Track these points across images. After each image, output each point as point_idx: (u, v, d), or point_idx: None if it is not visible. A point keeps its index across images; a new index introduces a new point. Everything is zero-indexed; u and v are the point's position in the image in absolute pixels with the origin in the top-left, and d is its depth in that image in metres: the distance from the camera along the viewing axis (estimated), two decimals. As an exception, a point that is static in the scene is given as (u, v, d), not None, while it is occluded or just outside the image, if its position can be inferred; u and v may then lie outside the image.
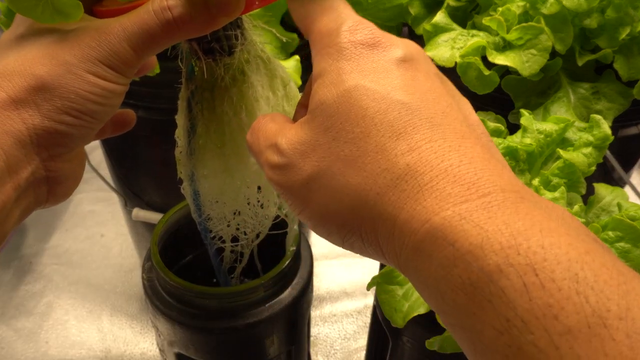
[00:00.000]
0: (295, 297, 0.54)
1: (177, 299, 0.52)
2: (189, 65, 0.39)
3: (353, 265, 1.01)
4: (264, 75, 0.40)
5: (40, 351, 0.85)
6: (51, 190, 0.35)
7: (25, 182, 0.32)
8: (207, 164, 0.42)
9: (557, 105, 0.59)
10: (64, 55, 0.32)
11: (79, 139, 0.34)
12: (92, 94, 0.32)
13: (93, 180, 1.15)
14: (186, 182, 0.45)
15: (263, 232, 0.49)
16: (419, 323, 0.52)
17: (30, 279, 0.97)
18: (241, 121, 0.40)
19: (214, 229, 0.48)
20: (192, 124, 0.41)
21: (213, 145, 0.41)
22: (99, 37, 0.32)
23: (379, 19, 0.70)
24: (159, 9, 0.32)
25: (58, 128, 0.32)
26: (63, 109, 0.32)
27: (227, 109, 0.39)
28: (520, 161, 0.53)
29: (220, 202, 0.45)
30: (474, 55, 0.57)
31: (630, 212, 0.50)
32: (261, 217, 0.47)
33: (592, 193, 0.55)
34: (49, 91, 0.31)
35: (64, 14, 0.32)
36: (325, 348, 0.87)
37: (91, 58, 0.32)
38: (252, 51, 0.39)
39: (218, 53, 0.38)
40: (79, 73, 0.31)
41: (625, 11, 0.56)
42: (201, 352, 0.54)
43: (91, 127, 0.34)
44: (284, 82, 0.42)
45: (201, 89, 0.39)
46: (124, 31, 0.32)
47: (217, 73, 0.38)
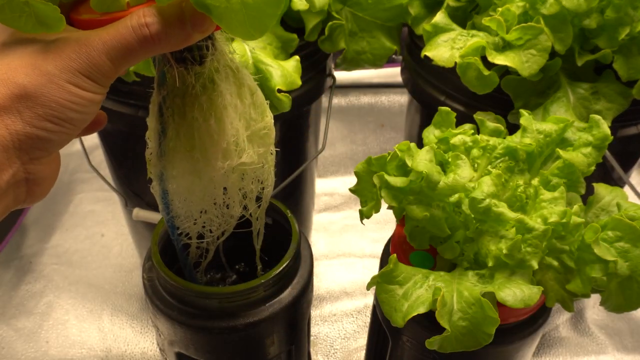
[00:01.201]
0: (295, 296, 0.54)
1: (177, 298, 0.52)
2: (161, 71, 0.41)
3: (353, 265, 1.01)
4: (233, 84, 0.42)
5: (40, 351, 0.85)
6: (29, 190, 0.37)
7: (6, 184, 0.34)
8: (177, 165, 0.45)
9: (556, 105, 0.59)
10: (46, 66, 0.34)
11: (57, 143, 0.36)
12: (71, 103, 0.34)
13: (93, 180, 1.16)
14: (155, 181, 0.47)
15: (228, 230, 0.52)
16: (419, 322, 0.52)
17: (30, 279, 0.97)
18: (210, 127, 0.42)
19: (181, 226, 0.50)
20: (163, 127, 0.43)
21: (183, 148, 0.43)
22: (80, 50, 0.34)
23: (379, 19, 0.70)
24: (137, 25, 0.34)
25: (39, 134, 0.34)
26: (44, 116, 0.34)
27: (197, 115, 0.42)
28: (519, 161, 0.53)
29: (188, 200, 0.48)
30: (473, 55, 0.57)
31: (630, 212, 0.50)
32: (227, 216, 0.50)
33: (591, 193, 0.55)
34: (31, 99, 0.33)
35: (46, 25, 0.34)
36: (325, 347, 0.87)
37: (72, 69, 0.34)
38: (222, 61, 0.41)
39: (190, 62, 0.40)
40: (60, 83, 0.34)
41: (624, 11, 0.57)
42: (201, 351, 0.54)
43: (70, 132, 0.36)
44: (251, 91, 0.44)
45: (172, 94, 0.41)
46: (104, 45, 0.34)
47: (189, 81, 0.40)
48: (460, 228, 0.51)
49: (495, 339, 0.45)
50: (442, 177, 0.49)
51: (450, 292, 0.46)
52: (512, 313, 0.50)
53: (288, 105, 0.60)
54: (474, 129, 0.56)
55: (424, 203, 0.50)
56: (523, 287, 0.45)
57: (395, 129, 1.33)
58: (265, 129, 0.46)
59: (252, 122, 0.45)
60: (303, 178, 0.85)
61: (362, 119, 1.36)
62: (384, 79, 1.40)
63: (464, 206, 0.49)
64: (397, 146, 0.52)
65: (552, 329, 0.90)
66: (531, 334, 0.53)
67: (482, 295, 0.44)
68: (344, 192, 1.17)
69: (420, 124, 0.79)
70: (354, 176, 0.56)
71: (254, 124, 0.45)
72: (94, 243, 1.05)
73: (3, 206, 0.35)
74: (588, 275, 0.47)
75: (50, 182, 0.38)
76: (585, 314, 0.92)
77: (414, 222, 0.52)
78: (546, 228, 0.45)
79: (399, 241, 0.56)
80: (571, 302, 0.49)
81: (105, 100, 0.66)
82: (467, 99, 0.66)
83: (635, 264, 0.47)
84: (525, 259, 0.46)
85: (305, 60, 0.64)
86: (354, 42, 0.70)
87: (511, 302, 0.44)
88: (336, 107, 1.37)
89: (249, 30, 0.33)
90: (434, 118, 0.58)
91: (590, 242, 0.46)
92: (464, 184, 0.49)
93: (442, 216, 0.50)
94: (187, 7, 0.34)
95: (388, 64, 1.38)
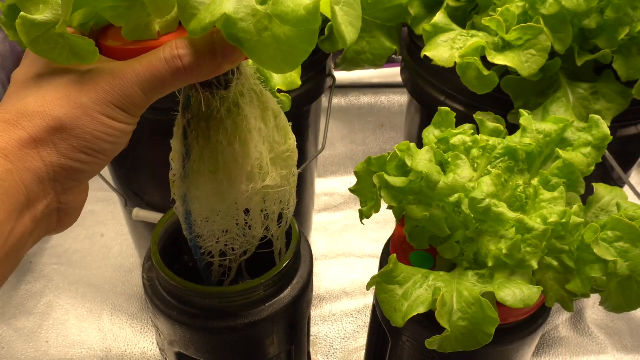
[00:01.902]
0: (295, 296, 0.54)
1: (177, 298, 0.52)
2: (186, 95, 0.41)
3: (353, 265, 1.01)
4: (257, 107, 0.43)
5: (40, 351, 0.85)
6: (60, 220, 0.38)
7: (41, 214, 0.35)
8: (200, 187, 0.45)
9: (556, 105, 0.59)
10: (81, 98, 0.34)
11: (90, 174, 0.37)
12: (105, 135, 0.35)
13: (93, 180, 1.15)
14: (179, 202, 0.47)
15: (250, 251, 0.52)
16: (419, 322, 0.52)
17: (30, 279, 0.97)
18: (235, 151, 0.42)
19: (204, 245, 0.50)
20: (187, 150, 0.43)
21: (207, 170, 0.44)
22: (114, 82, 0.34)
23: (379, 19, 0.70)
24: (170, 57, 0.34)
25: (73, 165, 0.35)
26: (79, 148, 0.34)
27: (221, 139, 0.42)
28: (519, 161, 0.53)
29: (211, 221, 0.48)
30: (473, 55, 0.58)
31: (629, 212, 0.50)
32: (249, 237, 0.50)
33: (591, 193, 0.55)
34: (67, 132, 0.34)
35: (80, 57, 0.35)
36: (325, 347, 0.87)
37: (106, 101, 0.34)
38: (247, 85, 0.41)
39: (215, 87, 0.40)
40: (94, 115, 0.34)
41: (624, 11, 0.57)
42: (201, 351, 0.54)
43: (102, 163, 0.37)
44: (275, 114, 0.44)
45: (197, 118, 0.42)
46: (137, 77, 0.34)
47: (214, 105, 0.40)
48: (460, 228, 0.51)
49: (495, 339, 0.45)
50: (442, 177, 0.49)
51: (450, 292, 0.46)
52: (511, 313, 0.51)
53: (288, 105, 0.60)
54: (473, 129, 0.56)
55: (423, 203, 0.50)
56: (523, 287, 0.45)
57: (395, 129, 1.33)
58: (289, 151, 0.46)
59: (276, 145, 0.45)
60: (303, 178, 0.85)
61: (362, 119, 1.36)
62: (384, 79, 1.40)
63: (463, 206, 0.49)
64: (397, 146, 0.52)
65: (551, 329, 0.90)
66: (531, 334, 0.53)
67: (482, 295, 0.44)
68: (344, 192, 1.17)
69: (420, 124, 0.79)
70: (354, 176, 0.56)
71: (277, 147, 0.45)
72: (94, 243, 1.05)
73: (36, 236, 0.36)
74: (588, 275, 0.47)
75: (79, 211, 0.39)
76: (585, 313, 0.92)
77: (414, 222, 0.52)
78: (546, 228, 0.45)
79: (399, 241, 0.56)
80: (571, 302, 0.49)
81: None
82: (467, 99, 0.66)
83: (635, 264, 0.47)
84: (525, 259, 0.46)
85: (305, 61, 0.64)
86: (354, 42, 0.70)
87: (511, 302, 0.44)
88: (336, 107, 1.37)
89: (279, 65, 0.33)
90: (433, 118, 0.58)
91: (590, 242, 0.46)
92: (463, 184, 0.49)
93: (442, 216, 0.50)
94: (218, 39, 0.34)
95: (388, 64, 1.38)
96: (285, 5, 0.31)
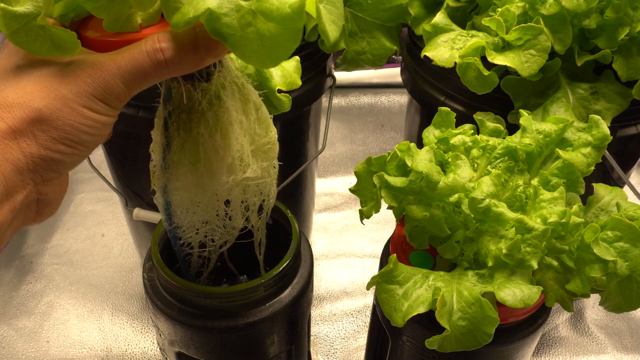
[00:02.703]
0: (295, 296, 0.54)
1: (177, 298, 0.52)
2: (168, 87, 0.41)
3: (353, 265, 1.01)
4: (239, 100, 0.43)
5: (41, 351, 0.85)
6: (39, 210, 0.38)
7: (20, 204, 0.35)
8: (180, 178, 0.45)
9: (556, 105, 0.59)
10: (61, 90, 0.34)
11: (69, 165, 0.36)
12: (85, 126, 0.35)
13: (94, 180, 1.16)
14: (159, 193, 0.47)
15: (230, 241, 0.52)
16: (419, 322, 0.52)
17: (31, 279, 0.97)
18: (216, 142, 0.42)
19: (183, 236, 0.50)
20: (168, 141, 0.43)
21: (187, 161, 0.44)
22: (95, 74, 0.34)
23: (378, 19, 0.70)
24: (152, 50, 0.34)
25: (53, 156, 0.35)
26: (58, 139, 0.34)
27: (202, 130, 0.42)
28: (519, 161, 0.53)
29: (190, 212, 0.48)
30: (473, 55, 0.58)
31: (629, 212, 0.50)
32: (229, 227, 0.50)
33: (591, 193, 0.55)
34: (46, 123, 0.34)
35: (61, 48, 0.35)
36: (325, 347, 0.87)
37: (86, 93, 0.34)
38: (228, 77, 0.41)
39: (197, 79, 0.40)
40: (74, 107, 0.34)
41: (624, 12, 0.57)
42: (202, 351, 0.54)
43: (82, 154, 0.36)
44: (256, 107, 0.44)
45: (178, 110, 0.42)
46: (119, 69, 0.34)
47: (195, 97, 0.40)
48: (460, 228, 0.51)
49: (495, 339, 0.45)
50: (442, 177, 0.49)
51: (450, 292, 0.46)
52: (511, 313, 0.51)
53: (288, 106, 0.60)
54: (473, 129, 0.56)
55: (423, 203, 0.50)
56: (523, 287, 0.45)
57: (395, 129, 1.33)
58: (269, 143, 0.46)
59: (257, 137, 0.45)
60: (303, 178, 0.86)
61: (362, 119, 1.36)
62: (384, 79, 1.40)
63: (463, 206, 0.49)
64: (397, 146, 0.52)
65: (551, 329, 0.90)
66: (531, 334, 0.53)
67: (481, 295, 0.45)
68: (344, 192, 1.17)
69: (420, 124, 0.79)
70: (354, 176, 0.56)
71: (258, 139, 0.45)
72: (95, 243, 1.05)
73: (14, 226, 0.36)
74: (587, 275, 0.47)
75: (58, 201, 0.39)
76: (585, 313, 0.93)
77: (414, 222, 0.52)
78: (546, 228, 0.45)
79: (399, 241, 0.56)
80: (571, 302, 0.49)
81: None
82: (466, 99, 0.66)
83: (635, 264, 0.47)
84: (524, 259, 0.46)
85: (305, 61, 0.65)
86: (354, 43, 0.70)
87: (511, 302, 0.44)
88: (336, 107, 1.37)
89: (262, 60, 0.33)
90: (433, 118, 0.58)
91: (589, 242, 0.46)
92: (463, 184, 0.49)
93: (442, 216, 0.50)
94: (201, 33, 0.34)
95: (388, 64, 1.38)
96: (270, 2, 0.31)
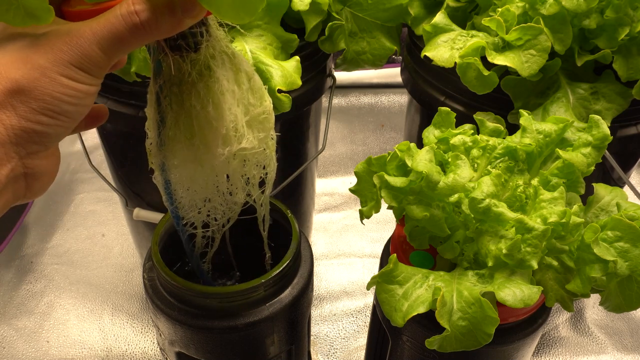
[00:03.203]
0: (296, 296, 0.54)
1: (177, 298, 0.52)
2: (157, 60, 0.41)
3: (353, 265, 1.01)
4: (229, 69, 0.42)
5: (41, 351, 0.86)
6: (29, 185, 0.37)
7: (5, 178, 0.34)
8: (177, 155, 0.44)
9: (556, 105, 0.59)
10: (38, 59, 0.34)
11: (54, 137, 0.36)
12: (65, 95, 0.34)
13: (94, 180, 1.16)
14: (157, 171, 0.47)
15: (233, 218, 0.52)
16: (419, 322, 0.52)
17: (31, 279, 0.97)
18: (208, 114, 0.42)
19: (186, 216, 0.50)
20: (162, 117, 0.43)
21: (182, 136, 0.43)
22: (71, 41, 0.34)
23: (378, 19, 0.70)
24: (127, 13, 0.34)
25: (35, 128, 0.34)
26: (39, 110, 0.34)
27: (194, 102, 0.41)
28: (519, 161, 0.53)
29: (191, 190, 0.48)
30: (473, 55, 0.58)
31: (629, 212, 0.50)
32: (230, 203, 0.50)
33: (591, 193, 0.55)
34: (25, 94, 0.33)
35: (35, 17, 0.34)
36: (325, 347, 0.87)
37: (64, 61, 0.34)
38: (217, 47, 0.41)
39: (184, 49, 0.39)
40: (52, 76, 0.34)
41: (624, 12, 0.57)
42: (202, 351, 0.54)
43: (66, 125, 0.36)
44: (248, 76, 0.44)
45: (169, 83, 0.41)
46: (94, 35, 0.34)
47: (184, 68, 0.40)
48: (460, 228, 0.51)
49: (495, 339, 0.45)
50: (442, 177, 0.49)
51: (450, 292, 0.46)
52: (511, 313, 0.51)
53: (288, 106, 0.60)
54: (473, 129, 0.56)
55: (423, 203, 0.50)
56: (523, 287, 0.45)
57: (395, 129, 1.34)
58: (265, 113, 0.45)
59: (251, 107, 0.44)
60: (303, 178, 0.86)
61: (362, 119, 1.36)
62: (384, 79, 1.40)
63: (463, 206, 0.49)
64: (397, 146, 0.52)
65: (551, 329, 0.90)
66: (531, 334, 0.53)
67: (481, 295, 0.45)
68: (344, 192, 1.17)
69: (420, 124, 0.79)
70: (354, 176, 0.56)
71: (252, 109, 0.44)
72: (95, 243, 1.05)
73: (3, 201, 0.35)
74: (588, 275, 0.47)
75: (49, 177, 0.38)
76: (585, 313, 0.93)
77: (414, 222, 0.52)
78: (546, 228, 0.45)
79: (399, 241, 0.56)
80: (571, 302, 0.49)
81: (106, 100, 0.66)
82: (467, 99, 0.66)
83: (635, 264, 0.47)
84: (524, 259, 0.46)
85: (305, 61, 0.65)
86: (354, 43, 0.70)
87: (511, 302, 0.44)
88: (336, 107, 1.37)
89: (238, 13, 0.32)
90: (433, 118, 0.58)
91: (589, 242, 0.46)
92: (463, 184, 0.49)
93: (442, 216, 0.50)
94: None
95: (388, 64, 1.38)
96: None
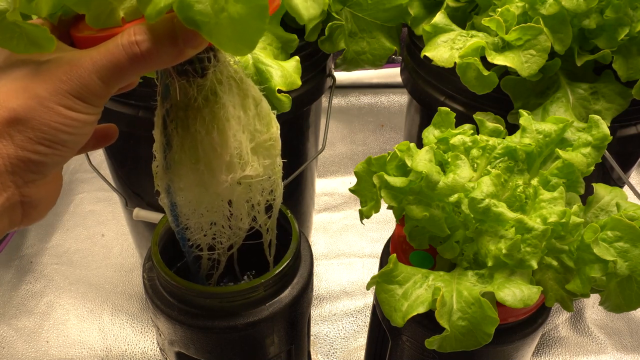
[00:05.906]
0: (295, 296, 0.54)
1: (177, 298, 0.52)
2: (164, 84, 0.41)
3: (353, 265, 1.01)
4: (236, 95, 0.42)
5: (41, 351, 0.85)
6: (25, 213, 0.37)
7: (1, 207, 0.34)
8: (183, 178, 0.44)
9: (556, 105, 0.59)
10: (37, 89, 0.33)
11: (52, 165, 0.35)
12: (63, 125, 0.34)
13: (94, 180, 1.16)
14: (163, 194, 0.47)
15: (237, 242, 0.52)
16: (419, 322, 0.52)
17: (31, 279, 0.97)
18: (213, 140, 0.41)
19: (192, 237, 0.50)
20: (168, 140, 0.43)
21: (188, 160, 0.43)
22: (70, 71, 0.33)
23: (378, 20, 0.70)
24: (127, 43, 0.33)
25: (32, 157, 0.34)
26: (36, 139, 0.34)
27: (199, 128, 0.41)
28: (519, 161, 0.53)
29: (197, 213, 0.48)
30: (473, 55, 0.58)
31: (629, 212, 0.50)
32: (235, 228, 0.50)
33: (591, 193, 0.55)
34: (23, 123, 0.33)
35: (37, 45, 0.34)
36: (325, 347, 0.87)
37: (62, 91, 0.33)
38: (225, 72, 0.40)
39: (191, 75, 0.39)
40: (50, 106, 0.33)
41: (624, 12, 0.57)
42: (202, 351, 0.54)
43: (63, 155, 0.35)
44: (255, 101, 0.43)
45: (176, 107, 0.41)
46: (94, 65, 0.34)
47: (191, 93, 0.40)
48: (459, 228, 0.51)
49: (495, 339, 0.45)
50: (442, 177, 0.49)
51: (450, 292, 0.46)
52: (511, 313, 0.51)
53: (288, 106, 0.60)
54: (473, 129, 0.56)
55: (423, 203, 0.50)
56: (522, 287, 0.45)
57: (395, 129, 1.34)
58: (271, 140, 0.45)
59: (257, 133, 0.44)
60: (303, 178, 0.86)
61: (362, 119, 1.36)
62: (384, 79, 1.40)
63: (463, 206, 0.49)
64: (396, 146, 0.52)
65: (551, 329, 0.90)
66: (530, 334, 0.53)
67: (481, 295, 0.45)
68: (344, 192, 1.17)
69: (420, 124, 0.79)
70: (354, 176, 0.56)
71: (259, 136, 0.44)
72: (95, 243, 1.05)
73: None
74: (587, 275, 0.47)
75: (48, 204, 0.38)
76: (585, 313, 0.93)
77: (414, 222, 0.52)
78: (545, 228, 0.45)
79: (399, 241, 0.56)
80: (570, 301, 0.49)
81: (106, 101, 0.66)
82: (466, 99, 0.66)
83: (635, 264, 0.47)
84: (524, 259, 0.46)
85: (305, 61, 0.65)
86: (354, 43, 0.71)
87: (510, 302, 0.44)
88: (336, 107, 1.37)
89: (237, 46, 0.32)
90: (433, 118, 0.58)
91: (589, 242, 0.46)
92: (463, 184, 0.49)
93: (441, 216, 0.50)
94: (178, 23, 0.33)
95: (388, 64, 1.38)
96: None
